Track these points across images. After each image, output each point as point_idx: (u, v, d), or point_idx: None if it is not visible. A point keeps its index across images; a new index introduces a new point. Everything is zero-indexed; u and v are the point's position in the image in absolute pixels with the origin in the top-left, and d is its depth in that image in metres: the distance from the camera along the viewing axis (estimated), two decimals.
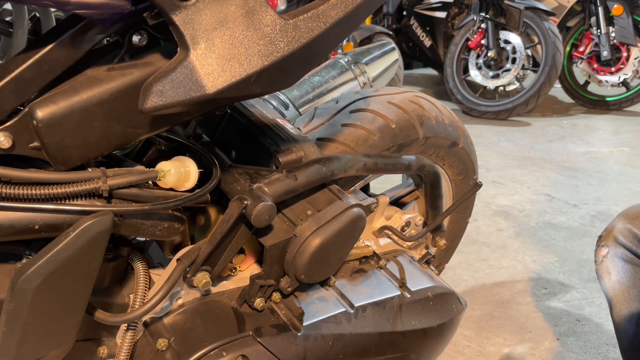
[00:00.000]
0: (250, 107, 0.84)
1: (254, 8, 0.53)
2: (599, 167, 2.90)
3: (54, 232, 0.55)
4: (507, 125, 3.87)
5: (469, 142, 1.19)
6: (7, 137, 0.52)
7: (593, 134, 3.59)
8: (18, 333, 0.54)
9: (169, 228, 0.67)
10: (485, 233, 2.13)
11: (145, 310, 0.63)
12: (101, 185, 0.56)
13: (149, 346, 0.68)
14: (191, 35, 0.50)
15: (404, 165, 0.88)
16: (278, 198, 0.67)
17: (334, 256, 0.74)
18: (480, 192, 2.32)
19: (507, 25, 1.67)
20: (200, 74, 0.51)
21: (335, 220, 0.71)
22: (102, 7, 0.48)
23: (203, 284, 0.67)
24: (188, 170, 0.64)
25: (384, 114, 1.01)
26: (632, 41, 3.89)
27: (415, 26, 4.89)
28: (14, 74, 0.51)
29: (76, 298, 0.57)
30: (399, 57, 1.87)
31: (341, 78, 1.40)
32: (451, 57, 4.28)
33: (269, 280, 0.72)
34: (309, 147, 0.78)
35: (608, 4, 3.96)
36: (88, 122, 0.55)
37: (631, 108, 4.20)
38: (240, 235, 0.68)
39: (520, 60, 3.97)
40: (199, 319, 0.70)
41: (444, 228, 1.11)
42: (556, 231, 2.14)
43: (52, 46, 0.52)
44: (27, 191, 0.53)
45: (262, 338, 0.70)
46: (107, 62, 0.58)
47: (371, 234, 1.00)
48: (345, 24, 0.60)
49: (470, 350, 1.49)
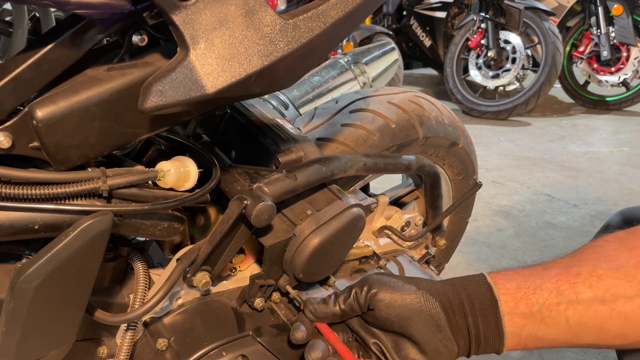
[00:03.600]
0: (250, 107, 0.84)
1: (253, 8, 0.53)
2: (598, 167, 2.90)
3: (54, 232, 0.55)
4: (507, 125, 3.87)
5: (469, 142, 1.19)
6: (6, 137, 0.52)
7: (593, 134, 3.59)
8: (18, 333, 0.54)
9: (169, 228, 0.67)
10: (485, 233, 2.13)
11: (145, 310, 0.63)
12: (101, 185, 0.56)
13: (148, 346, 0.68)
14: (191, 35, 0.50)
15: (403, 165, 0.88)
16: (278, 198, 0.67)
17: (333, 256, 0.74)
18: (480, 192, 2.32)
19: (507, 25, 1.67)
20: (200, 74, 0.51)
21: (335, 219, 0.71)
22: (102, 7, 0.48)
23: (203, 284, 0.67)
24: (188, 170, 0.64)
25: (383, 114, 1.01)
26: (632, 41, 3.89)
27: (415, 26, 4.90)
28: (14, 74, 0.51)
29: (76, 298, 0.57)
30: (399, 57, 1.87)
31: (341, 78, 1.40)
32: (451, 57, 4.28)
33: (269, 280, 0.72)
34: (308, 147, 0.78)
35: (608, 4, 3.96)
36: (88, 122, 0.55)
37: (631, 108, 4.20)
38: (240, 235, 0.68)
39: (520, 60, 3.97)
40: (198, 319, 0.70)
41: (444, 228, 1.11)
42: (556, 231, 2.14)
43: (52, 46, 0.52)
44: (27, 191, 0.53)
45: (262, 338, 0.70)
46: (107, 62, 0.58)
47: (371, 234, 1.00)
48: (345, 24, 0.60)
49: None
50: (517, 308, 0.57)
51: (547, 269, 0.60)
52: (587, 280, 0.57)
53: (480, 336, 0.58)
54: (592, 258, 0.60)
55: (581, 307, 0.56)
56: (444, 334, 0.57)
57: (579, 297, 0.56)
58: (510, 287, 0.59)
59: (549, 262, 0.63)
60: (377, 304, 0.59)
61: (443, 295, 0.59)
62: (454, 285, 0.61)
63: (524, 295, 0.57)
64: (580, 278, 0.57)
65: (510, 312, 0.57)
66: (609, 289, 0.56)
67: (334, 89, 1.38)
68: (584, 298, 0.56)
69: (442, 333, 0.57)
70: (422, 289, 0.59)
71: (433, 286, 0.60)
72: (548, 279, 0.58)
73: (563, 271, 0.59)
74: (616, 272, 0.57)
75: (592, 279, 0.57)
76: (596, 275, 0.57)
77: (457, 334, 0.58)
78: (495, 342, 0.58)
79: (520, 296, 0.58)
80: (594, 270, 0.57)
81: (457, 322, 0.58)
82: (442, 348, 0.57)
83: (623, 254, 0.59)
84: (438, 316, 0.58)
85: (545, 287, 0.57)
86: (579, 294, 0.56)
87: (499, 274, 0.61)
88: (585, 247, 0.63)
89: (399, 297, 0.58)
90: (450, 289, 0.60)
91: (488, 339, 0.58)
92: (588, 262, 0.59)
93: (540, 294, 0.57)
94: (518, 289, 0.58)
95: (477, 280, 0.60)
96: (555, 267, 0.60)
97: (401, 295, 0.59)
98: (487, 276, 0.61)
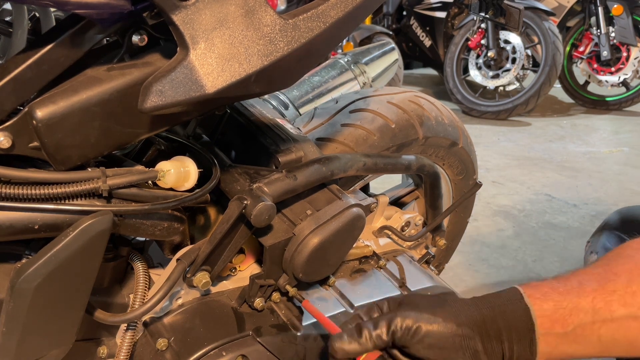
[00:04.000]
0: (250, 107, 0.84)
1: (253, 8, 0.53)
2: (598, 167, 2.90)
3: (54, 232, 0.55)
4: (507, 125, 3.87)
5: (469, 142, 1.19)
6: (6, 137, 0.52)
7: (593, 134, 3.59)
8: (18, 333, 0.54)
9: (168, 228, 0.67)
10: (485, 233, 2.13)
11: (145, 310, 0.63)
12: (101, 185, 0.56)
13: (148, 346, 0.68)
14: (191, 35, 0.50)
15: (403, 165, 0.88)
16: (278, 198, 0.67)
17: (332, 255, 0.74)
18: (480, 192, 2.32)
19: (506, 25, 1.67)
20: (200, 74, 0.51)
21: (335, 219, 0.71)
22: (102, 7, 0.48)
23: (203, 283, 0.67)
24: (188, 170, 0.64)
25: (383, 114, 1.01)
26: (632, 41, 3.89)
27: (415, 26, 4.90)
28: (14, 74, 0.51)
29: (76, 298, 0.58)
30: (398, 57, 1.87)
31: (341, 78, 1.40)
32: (451, 57, 4.28)
33: (269, 280, 0.72)
34: (308, 147, 0.78)
35: (608, 4, 3.96)
36: (88, 122, 0.55)
37: (631, 108, 4.20)
38: (240, 235, 0.68)
39: (520, 60, 3.97)
40: (198, 319, 0.70)
41: (444, 228, 1.11)
42: (556, 231, 2.14)
43: (51, 46, 0.52)
44: (27, 191, 0.53)
45: (261, 338, 0.70)
46: (106, 62, 0.58)
47: (371, 233, 1.00)
48: (344, 24, 0.60)
49: None
50: (552, 329, 0.57)
51: (582, 285, 0.60)
52: (622, 298, 0.57)
53: (514, 358, 0.58)
54: (626, 270, 0.60)
55: (614, 325, 0.57)
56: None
57: (613, 316, 0.57)
58: (547, 309, 0.58)
59: (581, 271, 0.62)
60: (416, 345, 0.57)
61: (482, 326, 0.58)
62: (491, 308, 0.59)
63: (561, 317, 0.57)
64: (616, 295, 0.57)
65: (545, 332, 0.57)
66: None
67: (334, 89, 1.38)
68: (618, 316, 0.56)
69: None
70: (462, 324, 0.57)
71: (471, 315, 0.59)
72: (584, 297, 0.58)
73: (599, 287, 0.59)
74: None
75: (627, 296, 0.57)
76: (631, 291, 0.57)
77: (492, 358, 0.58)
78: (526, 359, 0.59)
79: (557, 317, 0.58)
80: (629, 285, 0.58)
81: (493, 347, 0.58)
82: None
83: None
84: (476, 348, 0.57)
85: (581, 306, 0.58)
86: (613, 312, 0.57)
87: (536, 291, 0.60)
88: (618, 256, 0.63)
89: (440, 337, 0.57)
90: (488, 313, 0.59)
91: (520, 358, 0.58)
92: (622, 276, 0.59)
93: (576, 314, 0.57)
94: (555, 310, 0.58)
95: (514, 300, 0.59)
96: (591, 281, 0.60)
97: (441, 334, 0.57)
98: (525, 295, 0.59)
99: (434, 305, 0.60)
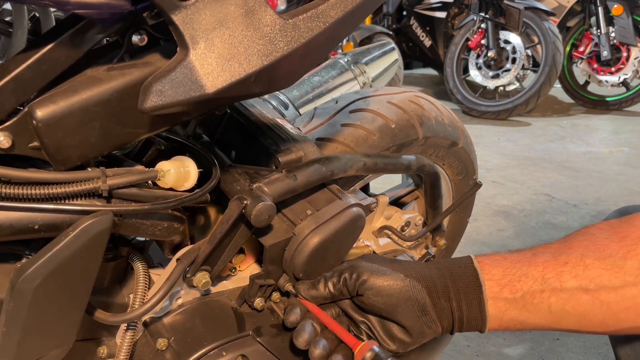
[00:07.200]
0: (250, 107, 0.84)
1: (253, 8, 0.53)
2: (598, 167, 2.90)
3: (54, 232, 0.55)
4: (507, 125, 3.87)
5: (469, 142, 1.19)
6: (6, 137, 0.52)
7: (593, 134, 3.59)
8: (18, 333, 0.54)
9: (168, 228, 0.67)
10: (485, 233, 2.13)
11: (145, 310, 0.63)
12: (101, 185, 0.56)
13: (148, 346, 0.68)
14: (191, 35, 0.50)
15: (403, 165, 0.88)
16: (278, 198, 0.67)
17: (332, 255, 0.74)
18: (480, 192, 2.32)
19: (506, 25, 1.67)
20: (200, 74, 0.51)
21: (334, 219, 0.71)
22: (102, 7, 0.48)
23: (203, 283, 0.67)
24: (188, 170, 0.64)
25: (383, 114, 1.01)
26: (632, 41, 3.90)
27: (415, 26, 4.90)
28: (14, 74, 0.51)
29: (76, 298, 0.58)
30: (399, 57, 1.88)
31: (341, 78, 1.40)
32: (451, 57, 4.28)
33: (269, 280, 0.72)
34: (308, 147, 0.78)
35: (608, 4, 3.96)
36: (88, 122, 0.55)
37: (631, 108, 4.20)
38: (240, 235, 0.68)
39: (520, 60, 3.97)
40: (198, 319, 0.70)
41: (444, 228, 1.11)
42: (556, 231, 2.14)
43: (51, 46, 0.52)
44: (27, 191, 0.53)
45: (261, 338, 0.70)
46: (106, 62, 0.58)
47: (371, 233, 1.00)
48: (344, 24, 0.60)
49: (470, 350, 1.49)
50: (501, 293, 0.59)
51: (535, 255, 0.62)
52: (574, 269, 0.58)
53: (464, 318, 0.61)
54: (581, 246, 0.61)
55: (565, 295, 0.58)
56: (428, 317, 0.60)
57: (563, 286, 0.58)
58: (496, 273, 0.61)
59: (539, 246, 0.64)
60: (366, 292, 0.61)
61: (429, 280, 0.61)
62: (440, 269, 0.63)
63: (509, 282, 0.60)
64: (567, 267, 0.59)
65: (494, 296, 0.60)
66: (594, 279, 0.57)
67: (334, 89, 1.38)
68: (569, 287, 0.58)
69: (427, 316, 0.60)
70: (409, 275, 0.61)
71: (420, 271, 0.62)
72: (535, 266, 0.60)
73: (551, 258, 0.60)
74: (604, 262, 0.58)
75: (578, 268, 0.58)
76: (583, 264, 0.58)
77: (441, 316, 0.61)
78: (478, 324, 0.61)
79: (505, 282, 0.60)
80: (582, 259, 0.59)
81: (442, 305, 0.61)
82: (426, 330, 0.61)
83: (613, 243, 0.59)
84: (424, 301, 0.60)
85: (530, 274, 0.59)
86: (564, 282, 0.58)
87: (487, 258, 0.63)
88: (577, 234, 0.65)
89: (387, 285, 0.61)
90: (436, 272, 0.62)
91: (471, 320, 0.61)
92: (577, 250, 0.60)
93: (525, 281, 0.59)
94: (504, 275, 0.60)
95: (464, 264, 0.62)
96: (544, 253, 0.62)
97: (389, 283, 0.61)
98: (474, 260, 0.62)
99: (386, 261, 0.65)
